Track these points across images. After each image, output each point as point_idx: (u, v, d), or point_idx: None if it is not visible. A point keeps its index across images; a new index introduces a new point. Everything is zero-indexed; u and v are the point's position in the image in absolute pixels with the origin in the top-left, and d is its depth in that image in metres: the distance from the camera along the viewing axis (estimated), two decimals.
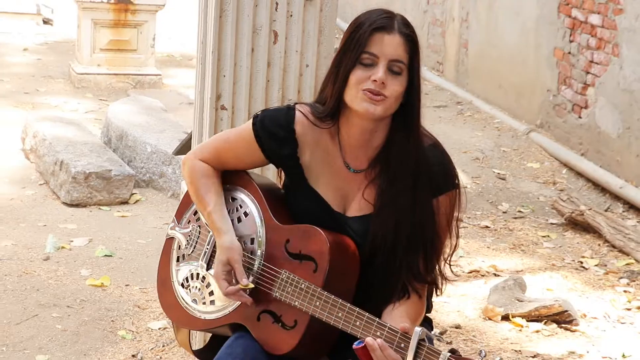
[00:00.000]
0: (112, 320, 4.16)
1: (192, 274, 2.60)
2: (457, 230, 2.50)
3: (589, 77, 6.97)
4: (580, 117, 7.10)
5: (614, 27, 6.63)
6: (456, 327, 4.31)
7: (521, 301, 4.47)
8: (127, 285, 4.54)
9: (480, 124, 8.14)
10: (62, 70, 9.24)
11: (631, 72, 6.41)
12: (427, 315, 2.58)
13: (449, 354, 2.19)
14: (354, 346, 2.27)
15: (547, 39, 7.63)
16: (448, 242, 2.50)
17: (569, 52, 7.28)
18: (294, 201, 2.55)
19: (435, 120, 8.18)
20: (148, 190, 6.02)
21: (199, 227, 2.62)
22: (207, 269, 2.56)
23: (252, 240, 2.52)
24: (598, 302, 4.73)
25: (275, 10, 3.33)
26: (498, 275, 4.97)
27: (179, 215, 2.69)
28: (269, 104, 3.38)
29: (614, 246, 5.51)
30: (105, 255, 4.90)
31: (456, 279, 4.66)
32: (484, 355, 2.19)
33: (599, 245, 5.58)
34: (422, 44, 2.48)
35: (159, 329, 4.08)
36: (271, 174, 3.29)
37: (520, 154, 7.31)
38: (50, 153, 5.93)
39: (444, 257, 2.50)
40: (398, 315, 2.39)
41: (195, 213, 2.64)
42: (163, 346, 3.91)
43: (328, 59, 3.44)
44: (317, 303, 2.36)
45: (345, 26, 2.51)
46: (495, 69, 8.60)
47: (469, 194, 6.37)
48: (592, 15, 6.94)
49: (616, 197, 6.33)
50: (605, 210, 6.08)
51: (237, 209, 2.57)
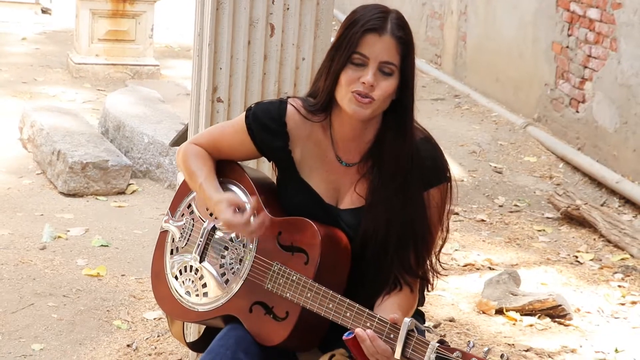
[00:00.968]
0: (107, 310, 4.17)
1: (185, 267, 2.62)
2: (448, 224, 2.52)
3: (587, 72, 6.98)
4: (577, 112, 7.11)
5: (612, 22, 6.64)
6: (450, 321, 4.33)
7: (515, 295, 4.48)
8: (123, 275, 4.56)
9: (478, 117, 8.15)
10: (60, 60, 9.24)
11: (629, 66, 6.42)
12: (419, 308, 2.59)
13: (438, 344, 2.20)
14: (344, 337, 2.28)
15: (545, 33, 7.63)
16: (440, 235, 2.51)
17: (567, 46, 7.28)
18: (286, 194, 2.57)
19: (433, 113, 8.19)
20: (145, 180, 6.03)
21: (193, 220, 2.64)
22: (201, 262, 2.57)
23: None
24: (592, 296, 4.75)
25: (272, 3, 3.33)
26: (493, 269, 4.98)
27: (173, 209, 2.71)
28: (265, 97, 3.39)
29: (609, 241, 5.52)
30: (102, 245, 4.91)
31: (447, 273, 4.69)
32: (472, 345, 2.21)
33: (594, 239, 5.59)
34: (420, 36, 2.48)
35: (154, 319, 4.09)
36: (266, 168, 3.30)
37: (517, 147, 7.32)
38: (48, 143, 5.94)
39: (435, 250, 2.51)
40: (389, 306, 2.41)
41: (189, 206, 2.66)
42: (158, 336, 3.93)
43: (324, 52, 3.43)
44: (308, 294, 2.38)
45: (342, 17, 2.51)
46: (493, 62, 8.61)
47: (465, 187, 6.38)
48: (590, 9, 6.95)
49: (612, 192, 6.34)
50: (601, 205, 6.09)
51: None
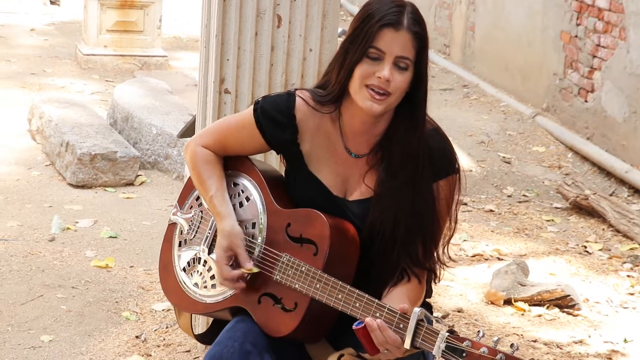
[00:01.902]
0: (116, 302, 4.18)
1: (193, 259, 2.62)
2: (457, 215, 2.51)
3: (596, 61, 6.95)
4: (586, 101, 7.09)
5: (621, 11, 6.61)
6: (458, 311, 4.32)
7: (524, 285, 4.48)
8: (131, 266, 4.57)
9: (486, 107, 8.14)
10: (68, 51, 9.25)
11: (638, 56, 6.40)
12: (426, 300, 2.59)
13: (447, 333, 2.20)
14: (354, 326, 2.29)
15: (554, 22, 7.61)
16: (448, 226, 2.51)
17: (576, 36, 7.26)
18: (294, 186, 2.57)
19: (442, 104, 8.18)
20: (153, 172, 6.03)
21: (201, 212, 2.64)
22: (209, 253, 2.58)
23: (254, 225, 2.54)
24: (601, 286, 4.74)
25: None
26: (502, 259, 4.98)
27: (181, 201, 2.72)
28: (272, 88, 3.39)
29: (618, 231, 5.51)
30: (110, 237, 4.92)
31: (454, 265, 4.68)
32: (482, 335, 2.21)
33: (603, 229, 5.58)
34: (428, 26, 2.47)
35: (163, 310, 4.10)
36: (274, 161, 3.30)
37: (525, 137, 7.31)
38: (56, 134, 5.95)
39: (443, 242, 2.51)
40: (397, 297, 2.41)
41: (198, 198, 2.66)
42: (167, 327, 3.94)
43: (331, 43, 3.44)
44: (318, 285, 2.38)
45: (350, 7, 2.51)
46: (501, 52, 8.59)
47: (474, 178, 6.38)
48: None
49: (621, 182, 6.33)
50: (610, 195, 6.08)
51: (239, 194, 2.59)
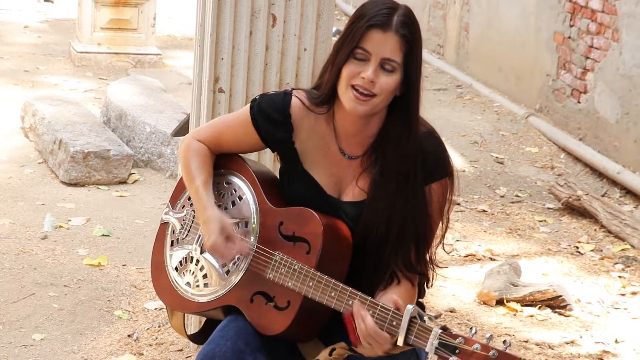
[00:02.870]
0: (108, 300, 4.18)
1: (185, 258, 2.62)
2: (449, 217, 2.52)
3: (589, 62, 6.97)
4: (579, 102, 7.10)
5: (614, 13, 6.63)
6: (451, 311, 4.33)
7: (516, 286, 4.49)
8: (124, 265, 4.57)
9: (480, 107, 8.15)
10: (62, 49, 9.23)
11: (630, 57, 6.41)
12: (419, 300, 2.60)
13: (440, 330, 2.21)
14: (344, 313, 2.31)
15: (547, 23, 7.62)
16: (440, 227, 2.52)
17: (569, 37, 7.27)
18: (288, 185, 2.57)
19: (435, 104, 8.19)
20: (146, 170, 6.03)
21: (194, 211, 2.63)
22: (201, 253, 2.58)
23: (247, 224, 2.54)
24: (593, 287, 4.76)
25: None
26: (494, 260, 4.99)
27: (174, 200, 2.72)
28: (267, 88, 3.39)
29: (610, 231, 5.52)
30: (103, 235, 4.92)
31: (446, 266, 4.69)
32: (475, 332, 2.21)
33: (595, 230, 5.59)
34: (422, 26, 2.45)
35: (155, 309, 4.10)
36: (268, 161, 3.30)
37: (518, 138, 7.32)
38: (50, 132, 5.94)
39: (435, 244, 2.51)
40: (390, 297, 2.41)
41: (190, 198, 2.66)
42: (159, 326, 3.94)
43: (326, 43, 3.45)
44: (310, 283, 2.38)
45: (345, 7, 2.51)
46: (495, 52, 8.60)
47: (467, 178, 6.39)
48: (592, 0, 6.93)
49: (613, 183, 6.34)
50: (602, 196, 6.09)
51: (231, 192, 2.60)
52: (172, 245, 2.67)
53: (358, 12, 2.42)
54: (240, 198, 2.58)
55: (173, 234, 2.68)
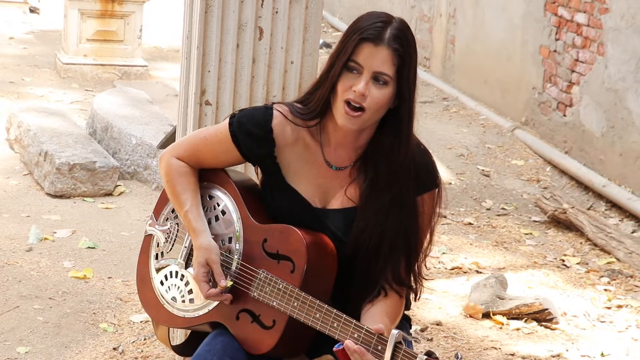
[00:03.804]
0: (93, 313, 4.16)
1: (171, 272, 2.61)
2: (434, 229, 2.51)
3: (574, 76, 7.00)
4: (564, 115, 7.12)
5: (599, 26, 6.66)
6: (437, 324, 4.33)
7: (502, 299, 4.49)
8: (109, 277, 4.54)
9: (466, 120, 8.17)
10: (48, 60, 9.20)
11: (616, 71, 6.44)
12: (405, 312, 2.59)
13: (425, 356, 2.20)
14: (335, 349, 2.28)
15: (533, 37, 7.65)
16: (427, 240, 2.52)
17: (555, 50, 7.30)
18: (272, 200, 2.55)
19: (422, 116, 8.18)
20: (132, 182, 6.01)
21: (177, 224, 2.62)
22: (186, 267, 2.56)
23: (230, 239, 2.52)
24: (579, 300, 4.76)
25: (261, 6, 3.33)
26: (480, 273, 4.99)
27: (157, 212, 2.69)
28: (254, 100, 3.38)
29: (595, 244, 5.54)
30: (89, 247, 4.90)
31: (432, 279, 4.69)
32: (460, 357, 2.20)
33: (580, 243, 5.61)
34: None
35: (141, 322, 4.08)
36: (252, 172, 3.29)
37: (504, 151, 7.34)
38: (35, 143, 5.92)
39: (422, 256, 2.51)
40: (377, 313, 2.40)
41: (174, 210, 2.64)
42: (145, 339, 3.92)
43: (313, 55, 3.44)
44: (295, 304, 2.37)
45: (332, 19, 2.51)
46: (481, 65, 8.62)
47: (453, 191, 6.39)
48: (578, 13, 6.97)
49: (599, 196, 6.36)
50: (588, 209, 6.11)
51: (214, 207, 2.57)
52: (156, 258, 2.65)
53: (353, 25, 2.42)
54: (223, 213, 2.55)
55: (157, 246, 2.66)
